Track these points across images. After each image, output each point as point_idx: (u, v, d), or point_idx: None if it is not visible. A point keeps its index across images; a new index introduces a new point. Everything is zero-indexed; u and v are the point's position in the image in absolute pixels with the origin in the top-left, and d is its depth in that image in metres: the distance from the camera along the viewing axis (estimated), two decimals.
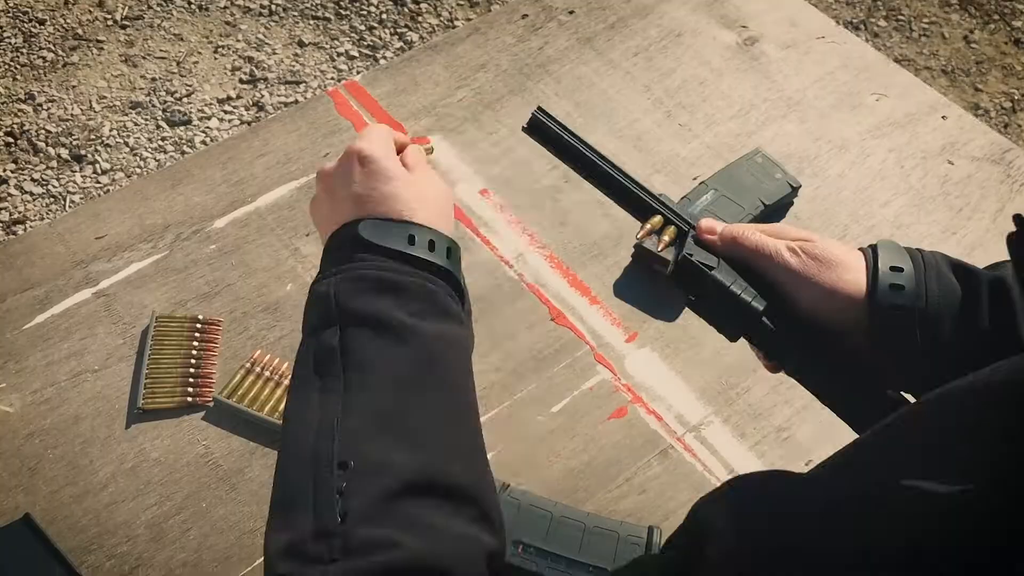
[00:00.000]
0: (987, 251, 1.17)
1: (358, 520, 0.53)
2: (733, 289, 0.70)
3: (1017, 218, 0.55)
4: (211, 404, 1.01)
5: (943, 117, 1.31)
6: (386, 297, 0.63)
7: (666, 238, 0.74)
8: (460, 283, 0.69)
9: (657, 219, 0.75)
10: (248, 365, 1.03)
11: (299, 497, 0.55)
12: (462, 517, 0.56)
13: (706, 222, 0.75)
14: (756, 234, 0.73)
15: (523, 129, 0.77)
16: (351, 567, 0.51)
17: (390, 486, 0.54)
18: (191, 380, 1.02)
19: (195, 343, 1.04)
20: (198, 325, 1.06)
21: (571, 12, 1.40)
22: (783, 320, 0.71)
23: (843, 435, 0.70)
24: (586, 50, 1.36)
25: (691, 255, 0.72)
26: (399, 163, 0.72)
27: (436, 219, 0.69)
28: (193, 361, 1.03)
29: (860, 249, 0.72)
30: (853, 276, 0.69)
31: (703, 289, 0.72)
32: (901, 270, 0.68)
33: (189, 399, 1.01)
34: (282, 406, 1.00)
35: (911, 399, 0.69)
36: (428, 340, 0.62)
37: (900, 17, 2.76)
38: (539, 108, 0.76)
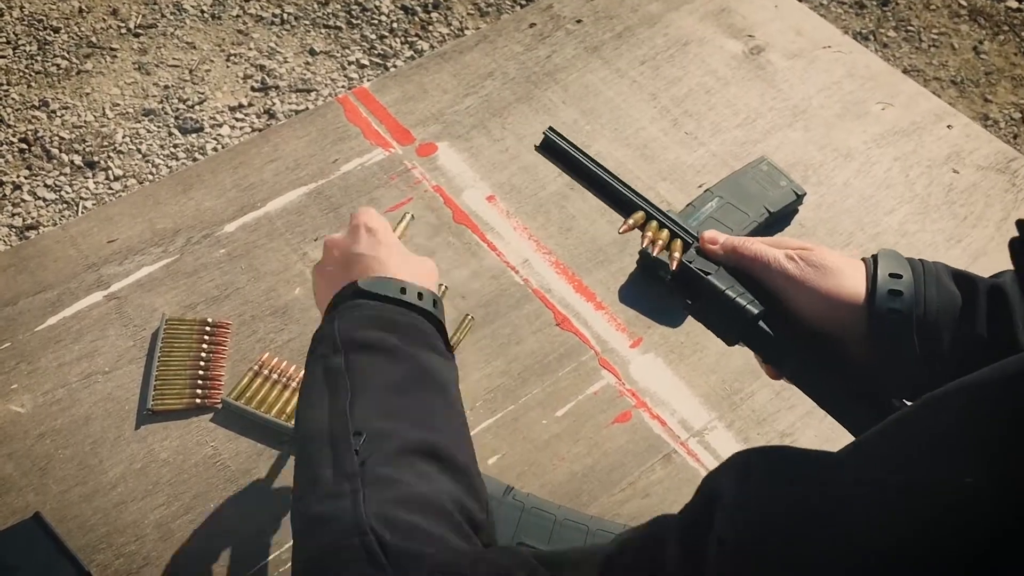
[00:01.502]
0: (991, 259, 1.18)
1: (375, 463, 0.61)
2: (729, 293, 0.72)
3: (1020, 223, 0.56)
4: (219, 406, 1.02)
5: (948, 126, 1.32)
6: (383, 330, 0.72)
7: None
8: (444, 328, 0.77)
9: (640, 215, 0.77)
10: (256, 368, 1.04)
11: (321, 461, 0.63)
12: (457, 483, 0.64)
13: (709, 233, 0.76)
14: (756, 243, 0.74)
15: (536, 148, 0.79)
16: (372, 495, 0.59)
17: (398, 446, 0.63)
18: (200, 382, 1.03)
19: (204, 346, 1.06)
20: (207, 328, 1.07)
21: (579, 21, 1.42)
22: (781, 325, 0.72)
23: (846, 441, 0.71)
24: (593, 59, 1.37)
25: (690, 262, 0.74)
26: (395, 238, 0.83)
27: (424, 284, 0.79)
28: (202, 363, 1.04)
29: (862, 259, 0.73)
30: (851, 283, 0.70)
31: (701, 294, 0.74)
32: (900, 277, 0.69)
33: (198, 401, 1.02)
34: (289, 408, 1.02)
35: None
36: (419, 360, 0.71)
37: (910, 28, 2.77)
38: (551, 128, 0.78)
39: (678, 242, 0.76)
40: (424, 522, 0.59)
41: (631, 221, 0.77)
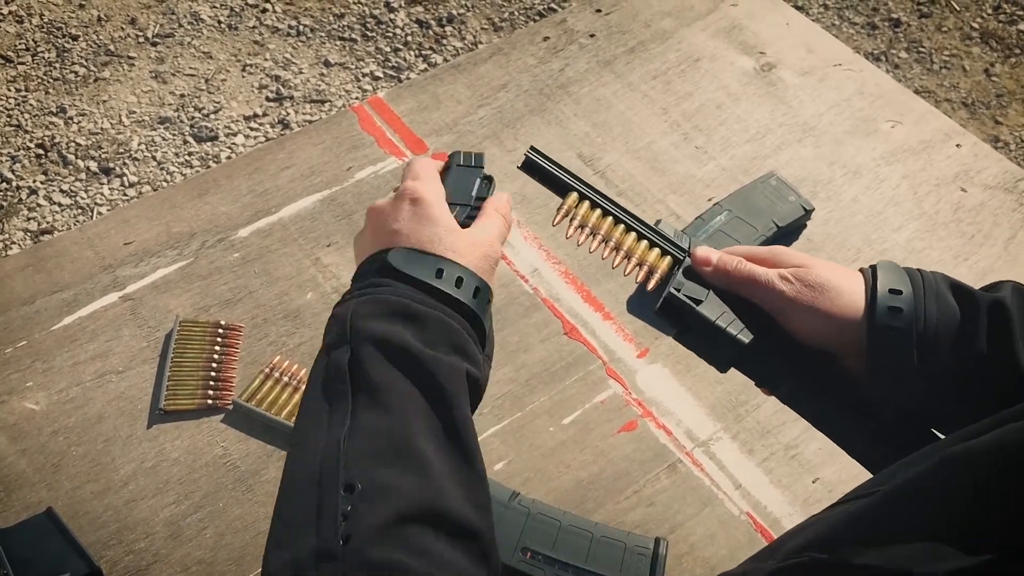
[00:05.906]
0: (998, 277, 1.16)
1: (361, 543, 0.53)
2: (719, 323, 0.71)
3: None
4: (230, 407, 1.04)
5: (957, 145, 1.33)
6: (400, 323, 0.63)
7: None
8: (484, 325, 0.68)
9: (573, 197, 0.77)
10: (267, 370, 1.06)
11: (303, 515, 0.56)
12: (463, 552, 0.56)
13: (701, 251, 0.75)
14: (747, 264, 0.73)
15: (518, 167, 0.80)
16: None
17: (395, 511, 0.55)
18: (212, 383, 1.05)
19: (217, 348, 1.07)
20: (220, 330, 1.09)
21: (592, 35, 1.43)
22: (776, 346, 0.71)
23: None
24: (606, 73, 1.38)
25: (678, 290, 0.73)
26: (447, 211, 0.72)
27: (476, 263, 0.69)
28: (214, 365, 1.06)
29: (860, 270, 0.72)
30: (847, 300, 0.70)
31: (690, 323, 0.73)
32: (900, 292, 0.69)
33: (209, 402, 1.04)
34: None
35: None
36: (436, 369, 0.62)
37: (921, 49, 2.78)
38: (532, 148, 0.79)
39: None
40: None
41: (564, 208, 0.77)
